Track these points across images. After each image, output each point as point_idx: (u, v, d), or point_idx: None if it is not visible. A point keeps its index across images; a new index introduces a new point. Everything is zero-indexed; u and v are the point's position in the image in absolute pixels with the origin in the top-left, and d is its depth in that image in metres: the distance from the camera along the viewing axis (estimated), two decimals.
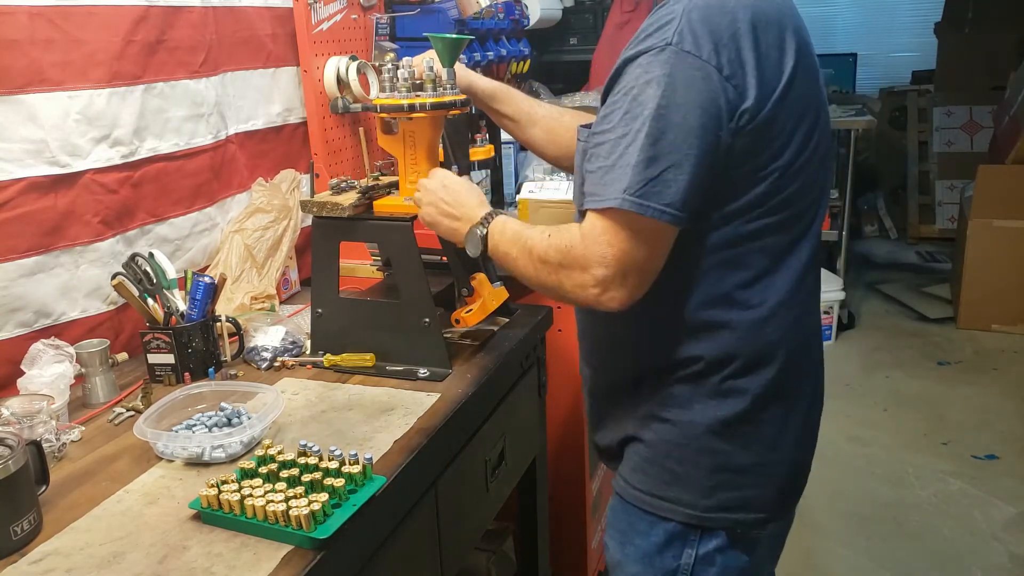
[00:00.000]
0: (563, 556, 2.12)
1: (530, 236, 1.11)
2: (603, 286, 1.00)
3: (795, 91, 0.99)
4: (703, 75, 0.94)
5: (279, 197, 1.88)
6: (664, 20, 0.98)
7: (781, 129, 1.00)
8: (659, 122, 0.94)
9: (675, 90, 0.94)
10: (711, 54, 0.95)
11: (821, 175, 1.09)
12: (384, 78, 1.42)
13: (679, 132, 0.94)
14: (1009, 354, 3.96)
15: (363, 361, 1.46)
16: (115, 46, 1.52)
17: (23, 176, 1.39)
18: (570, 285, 1.04)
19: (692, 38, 0.95)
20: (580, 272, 1.02)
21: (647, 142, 0.95)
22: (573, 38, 3.21)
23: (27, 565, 0.97)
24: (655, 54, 0.96)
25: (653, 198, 0.95)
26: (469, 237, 1.22)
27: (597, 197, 0.99)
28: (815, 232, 1.10)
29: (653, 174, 0.95)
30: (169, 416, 1.27)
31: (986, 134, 5.23)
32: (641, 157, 0.95)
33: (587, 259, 1.00)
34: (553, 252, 1.05)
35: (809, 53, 1.04)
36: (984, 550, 2.53)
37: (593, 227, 1.00)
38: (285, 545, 0.97)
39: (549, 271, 1.06)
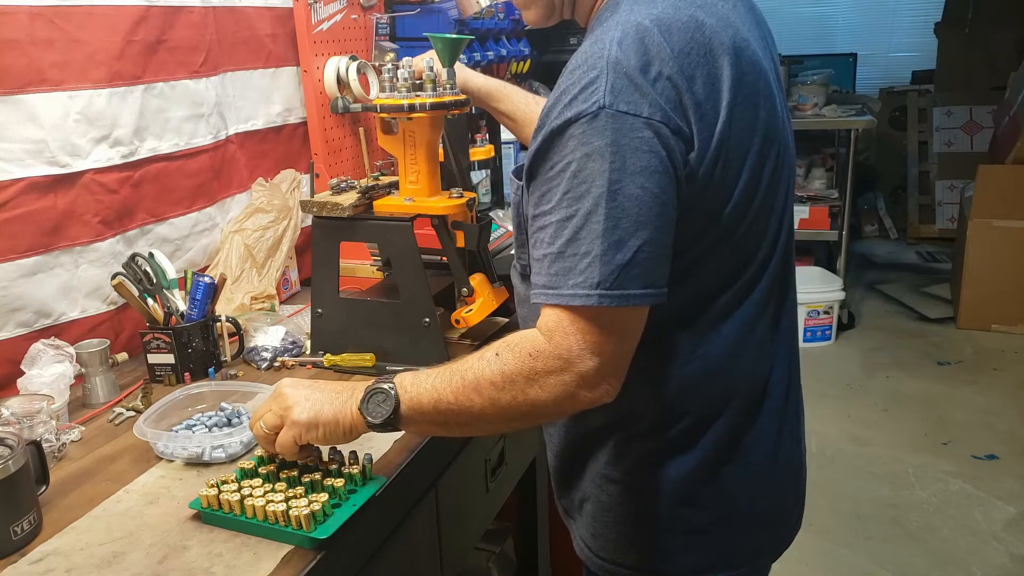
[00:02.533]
0: (563, 556, 2.12)
1: (468, 368, 0.90)
2: (596, 381, 0.86)
3: (736, 123, 0.89)
4: (650, 134, 0.84)
5: (279, 197, 1.88)
6: (587, 77, 0.85)
7: (725, 171, 0.90)
8: (615, 200, 0.83)
9: (624, 159, 0.83)
10: (652, 108, 0.84)
11: (777, 206, 0.99)
12: (384, 78, 1.42)
13: (641, 205, 0.83)
14: (1009, 354, 3.96)
15: (363, 361, 1.46)
16: (115, 46, 1.52)
17: (23, 176, 1.39)
18: (549, 395, 0.87)
19: (626, 94, 0.83)
20: (559, 374, 0.86)
21: (608, 225, 0.83)
22: (573, 38, 3.21)
23: (27, 565, 0.97)
24: (588, 121, 0.83)
25: (632, 284, 0.84)
26: (367, 403, 0.95)
27: (554, 291, 0.86)
28: (773, 268, 1.00)
29: (624, 259, 0.83)
30: (169, 416, 1.27)
31: (986, 134, 5.23)
32: (606, 244, 0.83)
33: (567, 356, 0.85)
34: (516, 367, 0.87)
35: (752, 71, 0.92)
36: (984, 550, 2.53)
37: (559, 323, 0.86)
38: (285, 545, 0.97)
39: (516, 393, 0.87)
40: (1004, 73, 4.81)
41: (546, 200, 0.87)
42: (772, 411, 1.05)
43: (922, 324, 4.36)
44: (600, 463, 1.06)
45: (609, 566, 1.08)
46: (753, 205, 0.95)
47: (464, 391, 0.90)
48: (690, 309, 0.96)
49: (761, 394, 1.04)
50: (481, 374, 0.89)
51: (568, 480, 1.13)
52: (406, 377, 0.95)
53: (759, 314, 1.00)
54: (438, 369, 0.94)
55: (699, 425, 1.01)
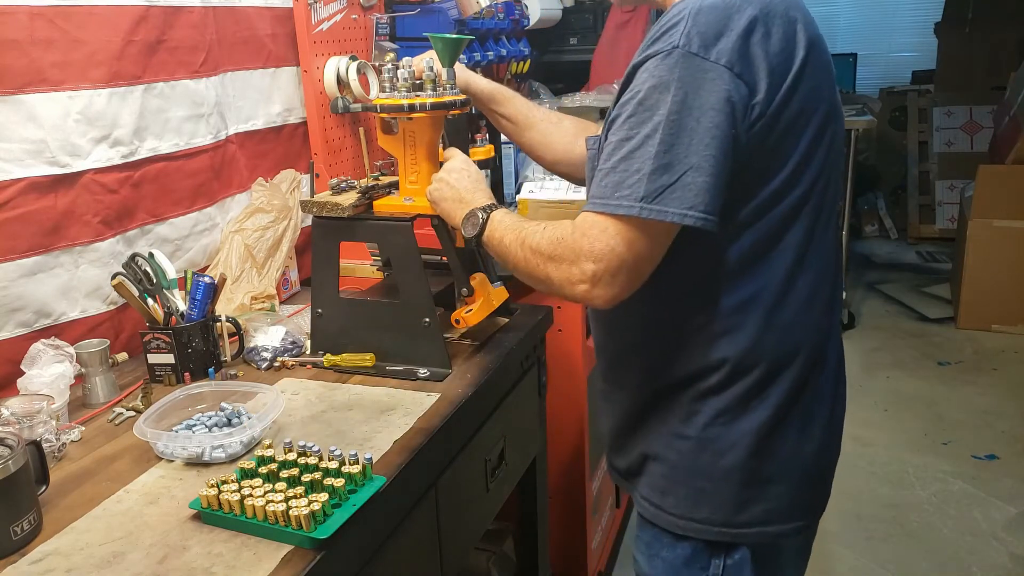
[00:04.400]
0: (563, 556, 2.12)
1: (526, 227, 1.10)
2: (591, 282, 0.98)
3: (805, 83, 0.97)
4: (713, 76, 0.93)
5: (279, 197, 1.88)
6: (671, 23, 0.96)
7: (793, 122, 0.98)
8: (672, 128, 0.93)
9: (686, 93, 0.93)
10: (719, 53, 0.93)
11: (835, 170, 1.07)
12: (384, 78, 1.42)
13: (694, 135, 0.93)
14: (1009, 354, 3.96)
15: (363, 361, 1.46)
16: (115, 46, 1.52)
17: (23, 176, 1.39)
18: (558, 277, 1.02)
19: (700, 40, 0.93)
20: (568, 265, 1.00)
21: (660, 149, 0.93)
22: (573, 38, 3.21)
23: (27, 565, 0.97)
24: (662, 58, 0.94)
25: (673, 203, 0.93)
26: (468, 218, 1.21)
27: (600, 200, 0.97)
28: (833, 226, 1.08)
29: (670, 180, 0.93)
30: (169, 416, 1.27)
31: (986, 134, 5.23)
32: (656, 165, 0.93)
33: (576, 253, 0.98)
34: (545, 243, 1.03)
35: (820, 48, 1.02)
36: (984, 550, 2.53)
37: (591, 224, 0.98)
38: (285, 545, 0.97)
39: (539, 262, 1.05)
40: (1004, 73, 4.81)
41: (618, 122, 0.98)
42: (830, 369, 1.13)
43: (922, 324, 4.36)
44: (672, 422, 1.10)
45: (680, 521, 1.12)
46: (818, 162, 1.02)
47: (516, 242, 1.10)
48: (767, 259, 1.02)
49: (822, 351, 1.10)
50: (529, 236, 1.07)
51: (632, 441, 1.18)
52: (498, 213, 1.18)
53: (827, 268, 1.07)
54: (524, 219, 1.14)
55: (769, 378, 1.06)
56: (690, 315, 1.05)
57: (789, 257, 1.03)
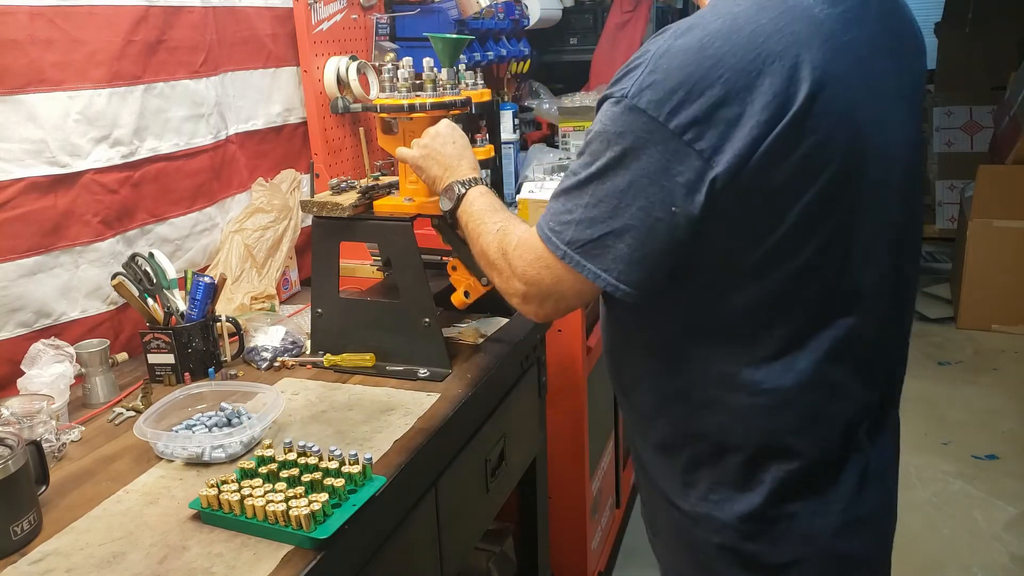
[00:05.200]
0: (563, 556, 2.12)
1: (486, 220, 1.10)
2: (522, 298, 1.00)
3: (804, 139, 0.82)
4: (659, 138, 0.82)
5: (279, 197, 1.88)
6: (633, 63, 0.86)
7: (779, 189, 0.84)
8: (603, 184, 0.87)
9: (624, 154, 0.85)
10: (669, 115, 0.82)
11: (873, 242, 0.91)
12: (384, 78, 1.42)
13: (623, 199, 0.86)
14: (1009, 354, 3.96)
15: (363, 361, 1.46)
16: (115, 46, 1.52)
17: (23, 176, 1.39)
18: (498, 283, 1.05)
19: (651, 93, 0.82)
20: (506, 277, 1.01)
21: (591, 200, 0.88)
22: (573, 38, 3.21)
23: (27, 565, 0.96)
24: (612, 104, 0.87)
25: (592, 260, 0.89)
26: (447, 191, 1.22)
27: (544, 223, 0.94)
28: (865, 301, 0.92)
29: (592, 235, 0.88)
30: (169, 416, 1.27)
31: (986, 134, 5.23)
32: (584, 216, 0.89)
33: (512, 269, 1.00)
34: (492, 250, 1.05)
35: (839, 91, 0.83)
36: (985, 550, 2.53)
37: (530, 247, 0.97)
38: (285, 545, 0.97)
39: (484, 263, 1.08)
40: (1004, 73, 4.80)
41: (581, 147, 0.94)
42: (859, 445, 1.01)
43: (922, 324, 4.35)
44: (672, 483, 1.03)
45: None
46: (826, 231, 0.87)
47: (475, 233, 1.11)
48: (757, 334, 0.91)
49: (842, 432, 0.98)
50: (484, 233, 1.09)
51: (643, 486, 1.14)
52: (475, 191, 1.19)
53: (844, 348, 0.92)
54: (495, 207, 1.14)
55: (763, 462, 0.95)
56: (676, 382, 0.97)
57: (783, 336, 0.91)
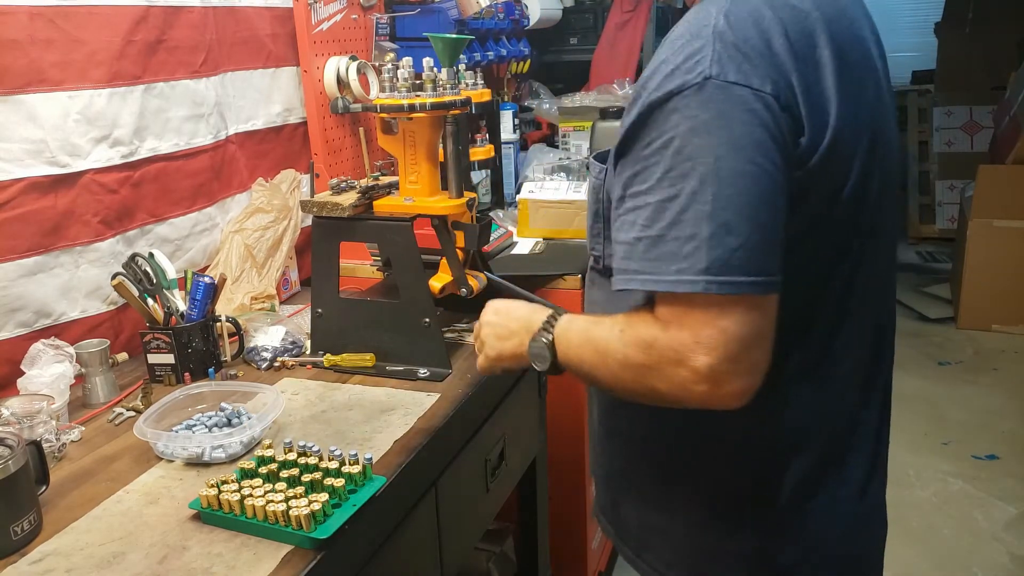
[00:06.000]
0: (563, 556, 2.12)
1: (601, 336, 0.87)
2: (713, 378, 0.76)
3: (846, 119, 0.82)
4: (761, 107, 0.77)
5: (279, 197, 1.88)
6: (691, 47, 0.79)
7: (837, 166, 0.82)
8: (723, 178, 0.76)
9: (733, 133, 0.76)
10: (763, 81, 0.77)
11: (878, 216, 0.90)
12: (384, 78, 1.42)
13: (753, 184, 0.76)
14: (1010, 354, 3.96)
15: (363, 361, 1.46)
16: (115, 46, 1.52)
17: (23, 176, 1.38)
18: (668, 388, 0.80)
19: (735, 64, 0.77)
20: (675, 367, 0.78)
21: (717, 206, 0.75)
22: (573, 38, 3.21)
23: (27, 565, 0.96)
24: (693, 93, 0.77)
25: (742, 271, 0.75)
26: (533, 348, 0.96)
27: (652, 277, 0.79)
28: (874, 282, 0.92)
29: (734, 243, 0.75)
30: (169, 416, 1.27)
31: (986, 134, 5.23)
32: (713, 227, 0.75)
33: (680, 350, 0.77)
34: (633, 352, 0.81)
35: (854, 63, 0.85)
36: (985, 550, 2.53)
37: (673, 312, 0.78)
38: (285, 545, 0.97)
39: (636, 377, 0.82)
40: (1004, 73, 4.80)
41: (640, 180, 0.81)
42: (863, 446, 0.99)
43: (922, 324, 4.35)
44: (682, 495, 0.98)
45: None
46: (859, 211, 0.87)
47: (598, 361, 0.87)
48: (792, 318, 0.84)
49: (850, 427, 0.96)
50: (609, 347, 0.85)
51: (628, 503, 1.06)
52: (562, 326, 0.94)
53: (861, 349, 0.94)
54: (591, 320, 0.91)
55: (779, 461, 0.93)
56: None
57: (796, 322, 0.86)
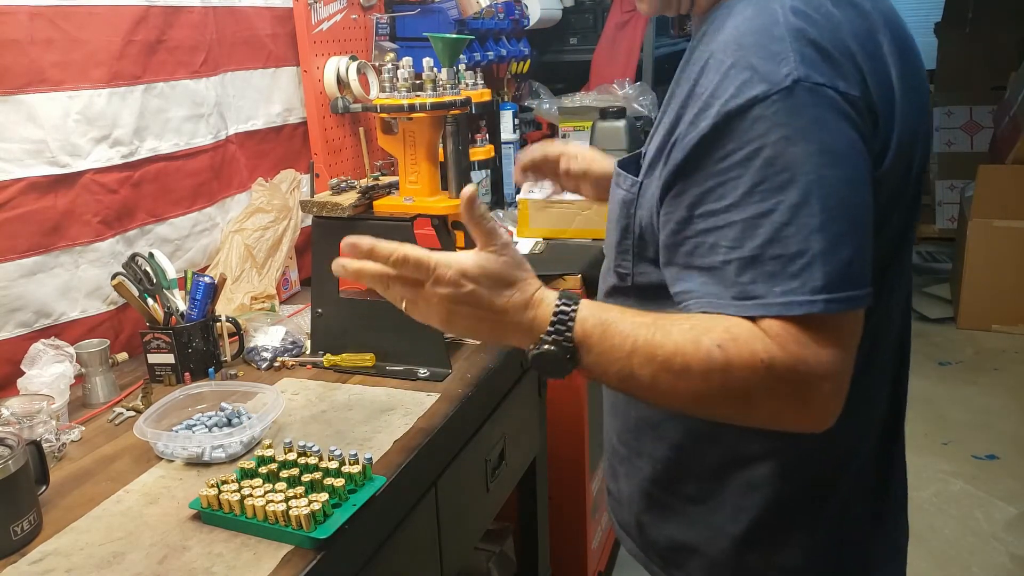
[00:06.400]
0: (563, 556, 2.12)
1: (671, 347, 0.73)
2: (829, 404, 0.72)
3: (906, 116, 0.79)
4: (850, 109, 0.73)
5: (279, 197, 1.88)
6: (766, 49, 0.73)
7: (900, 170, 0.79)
8: (828, 187, 0.70)
9: (832, 140, 0.71)
10: (848, 82, 0.73)
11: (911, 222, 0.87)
12: (384, 78, 1.42)
13: (854, 192, 0.72)
14: (1010, 354, 3.96)
15: (363, 361, 1.46)
16: (115, 46, 1.52)
17: (23, 176, 1.38)
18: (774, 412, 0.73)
19: (820, 65, 0.72)
20: (796, 391, 0.71)
21: (826, 217, 0.70)
22: (573, 38, 3.21)
23: (27, 565, 0.96)
24: (781, 98, 0.71)
25: (855, 284, 0.71)
26: (543, 356, 0.78)
27: (756, 301, 0.72)
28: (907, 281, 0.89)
29: (848, 256, 0.70)
30: (169, 416, 1.27)
31: (986, 134, 5.23)
32: (826, 240, 0.70)
33: (804, 372, 0.70)
34: (741, 372, 0.71)
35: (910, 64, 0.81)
36: (985, 550, 2.53)
37: (787, 331, 0.71)
38: (285, 545, 0.97)
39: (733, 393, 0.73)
40: (1004, 73, 4.80)
41: (717, 197, 0.74)
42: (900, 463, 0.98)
43: (922, 324, 4.35)
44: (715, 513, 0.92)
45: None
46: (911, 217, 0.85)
47: (666, 375, 0.74)
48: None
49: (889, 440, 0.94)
50: (693, 362, 0.72)
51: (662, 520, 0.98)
52: (592, 333, 0.77)
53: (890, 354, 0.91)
54: (634, 330, 0.75)
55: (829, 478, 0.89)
56: None
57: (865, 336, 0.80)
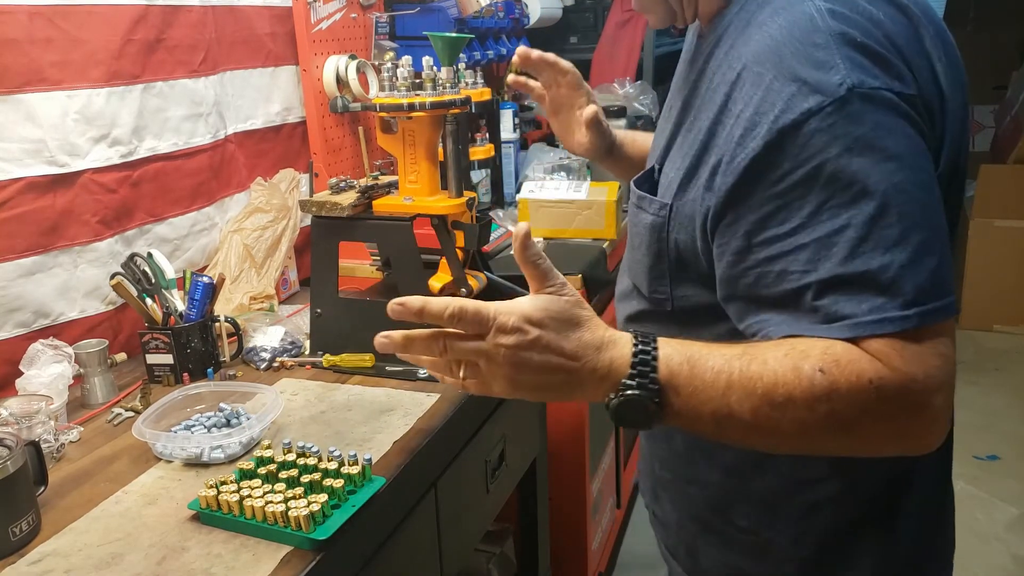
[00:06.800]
0: (563, 556, 2.11)
1: (769, 378, 0.67)
2: (943, 418, 0.68)
3: (953, 110, 0.76)
4: (908, 108, 0.70)
5: (278, 197, 1.88)
6: (810, 57, 0.69)
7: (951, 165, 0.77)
8: (904, 194, 0.66)
9: (897, 144, 0.68)
10: (902, 81, 0.70)
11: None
12: (383, 77, 1.42)
13: (928, 195, 0.69)
14: (1011, 354, 3.96)
15: (362, 361, 1.46)
16: (114, 45, 1.52)
17: (22, 176, 1.38)
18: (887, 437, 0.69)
19: (871, 67, 0.69)
20: (912, 411, 0.67)
21: (906, 226, 0.66)
22: (573, 37, 3.21)
23: (26, 566, 0.96)
24: (836, 109, 0.67)
25: (942, 294, 0.67)
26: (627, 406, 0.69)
27: (845, 323, 0.67)
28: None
29: (933, 263, 0.67)
30: (168, 417, 1.26)
31: (987, 134, 5.23)
32: (911, 250, 0.66)
33: (916, 391, 0.66)
34: (847, 393, 0.66)
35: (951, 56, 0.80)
36: (986, 551, 2.52)
37: (889, 351, 0.66)
38: (284, 546, 0.97)
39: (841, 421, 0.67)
40: (1005, 72, 4.80)
41: (779, 221, 0.69)
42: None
43: None
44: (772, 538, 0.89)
45: None
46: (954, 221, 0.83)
47: (768, 408, 0.67)
48: None
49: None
50: (796, 391, 0.66)
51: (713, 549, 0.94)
52: (679, 372, 0.69)
53: None
54: (727, 363, 0.69)
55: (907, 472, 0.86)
56: None
57: None
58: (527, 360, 0.68)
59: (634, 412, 0.69)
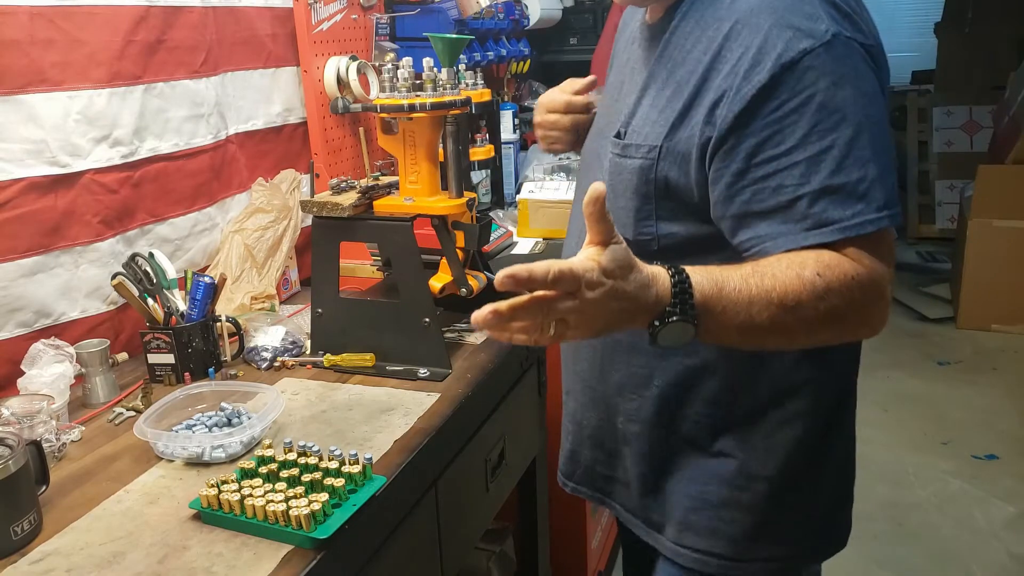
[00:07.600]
0: (563, 556, 2.12)
1: (780, 287, 0.81)
2: (887, 307, 0.87)
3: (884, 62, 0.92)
4: (871, 58, 0.87)
5: (279, 197, 1.88)
6: (801, 10, 0.85)
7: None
8: (872, 123, 0.83)
9: (866, 84, 0.85)
10: (865, 35, 0.87)
11: None
12: (384, 78, 1.42)
13: (885, 126, 0.86)
14: (1009, 354, 3.96)
15: (363, 361, 1.46)
16: (115, 46, 1.52)
17: (23, 176, 1.38)
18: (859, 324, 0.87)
19: (845, 21, 0.86)
20: (877, 302, 0.85)
21: (876, 147, 0.83)
22: (573, 38, 3.21)
23: (27, 565, 0.97)
24: (824, 50, 0.83)
25: (897, 204, 0.85)
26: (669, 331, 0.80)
27: (833, 226, 0.83)
28: None
29: (892, 179, 0.85)
30: (169, 416, 1.27)
31: (986, 134, 5.23)
32: (879, 167, 0.83)
33: (880, 283, 0.84)
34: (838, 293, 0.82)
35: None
36: (984, 550, 2.53)
37: (862, 250, 0.84)
38: (285, 545, 0.97)
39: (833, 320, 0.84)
40: (1004, 73, 4.80)
41: (774, 143, 0.84)
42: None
43: (922, 324, 4.35)
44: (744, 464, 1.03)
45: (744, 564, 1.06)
46: None
47: (782, 313, 0.81)
48: None
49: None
50: (802, 295, 0.81)
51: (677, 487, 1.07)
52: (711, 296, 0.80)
53: None
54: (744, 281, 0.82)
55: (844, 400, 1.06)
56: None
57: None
58: (607, 308, 0.76)
59: (676, 335, 0.80)
